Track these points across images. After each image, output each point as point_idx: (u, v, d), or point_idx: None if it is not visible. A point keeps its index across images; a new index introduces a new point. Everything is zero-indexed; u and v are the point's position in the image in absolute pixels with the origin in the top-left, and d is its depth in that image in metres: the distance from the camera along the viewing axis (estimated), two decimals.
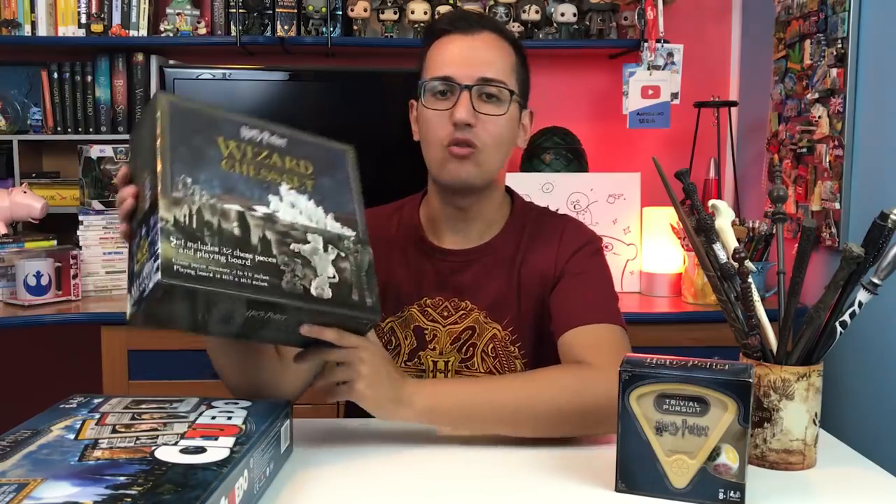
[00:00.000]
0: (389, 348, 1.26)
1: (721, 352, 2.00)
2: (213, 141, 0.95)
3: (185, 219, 0.86)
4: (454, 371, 1.24)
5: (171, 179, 0.88)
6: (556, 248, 1.25)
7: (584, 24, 2.59)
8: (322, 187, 1.02)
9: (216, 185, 0.91)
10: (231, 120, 0.98)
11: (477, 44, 1.20)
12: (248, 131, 0.99)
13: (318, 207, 0.99)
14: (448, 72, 1.18)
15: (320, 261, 0.95)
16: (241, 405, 0.98)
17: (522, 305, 1.24)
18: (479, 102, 1.18)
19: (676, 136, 2.67)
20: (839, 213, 2.04)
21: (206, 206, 0.89)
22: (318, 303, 0.93)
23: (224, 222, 0.89)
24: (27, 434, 0.86)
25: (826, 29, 2.10)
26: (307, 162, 1.03)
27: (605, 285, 1.24)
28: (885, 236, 0.96)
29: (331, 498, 0.91)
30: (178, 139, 0.92)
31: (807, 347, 0.99)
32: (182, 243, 0.85)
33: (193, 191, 0.89)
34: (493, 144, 1.19)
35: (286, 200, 0.97)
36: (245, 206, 0.92)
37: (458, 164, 1.18)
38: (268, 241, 0.92)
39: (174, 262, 0.83)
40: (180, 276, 0.83)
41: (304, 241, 0.95)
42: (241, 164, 0.95)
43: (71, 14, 2.54)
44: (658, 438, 0.89)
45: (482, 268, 1.25)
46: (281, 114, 2.42)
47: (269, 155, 0.99)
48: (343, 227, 1.01)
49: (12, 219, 2.38)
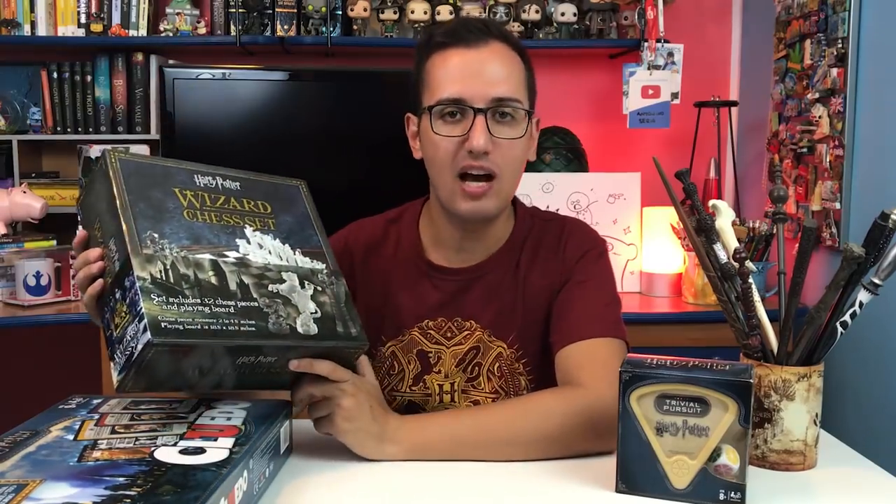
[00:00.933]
0: (392, 373, 1.22)
1: (721, 352, 1.99)
2: (171, 192, 0.95)
3: (161, 274, 0.86)
4: (461, 391, 1.20)
5: (138, 237, 0.87)
6: (560, 255, 1.20)
7: (584, 23, 2.59)
8: (284, 225, 1.02)
9: (183, 236, 0.91)
10: (182, 169, 0.99)
11: (485, 57, 1.11)
12: (201, 178, 0.99)
13: (285, 245, 1.00)
14: (457, 92, 1.10)
15: (300, 298, 0.95)
16: (241, 406, 0.97)
17: (527, 320, 1.19)
18: (494, 125, 1.10)
19: (677, 136, 2.67)
20: (839, 213, 2.04)
21: (178, 259, 0.88)
22: (307, 339, 0.93)
23: (200, 273, 0.89)
24: (26, 435, 0.86)
25: (826, 29, 2.10)
26: (264, 202, 1.03)
27: (608, 293, 1.19)
28: (886, 236, 0.96)
29: (330, 498, 0.91)
30: (137, 195, 0.91)
31: (807, 348, 0.99)
32: (164, 300, 0.84)
33: (162, 245, 0.88)
34: (511, 169, 1.13)
35: (254, 242, 0.97)
36: (216, 253, 0.92)
37: (474, 202, 1.11)
38: (246, 286, 0.91)
39: (160, 319, 0.82)
40: (170, 333, 0.82)
41: (281, 281, 0.95)
42: (202, 211, 0.95)
43: (70, 14, 2.54)
44: (658, 439, 0.88)
45: (485, 285, 1.21)
46: (281, 114, 2.42)
47: (226, 200, 0.99)
48: (313, 262, 1.01)
49: (12, 219, 2.38)
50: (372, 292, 1.23)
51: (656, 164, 1.07)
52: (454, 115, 1.11)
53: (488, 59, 1.12)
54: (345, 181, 2.45)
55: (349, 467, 0.99)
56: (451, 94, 1.10)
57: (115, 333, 0.87)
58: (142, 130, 2.61)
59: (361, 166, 2.50)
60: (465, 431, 1.02)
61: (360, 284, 1.23)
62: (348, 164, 2.50)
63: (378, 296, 1.23)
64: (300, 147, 2.45)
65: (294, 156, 2.43)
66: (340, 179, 2.45)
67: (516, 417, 1.03)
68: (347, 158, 2.50)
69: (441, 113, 1.11)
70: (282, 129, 2.42)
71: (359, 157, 2.50)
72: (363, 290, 1.23)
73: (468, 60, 1.11)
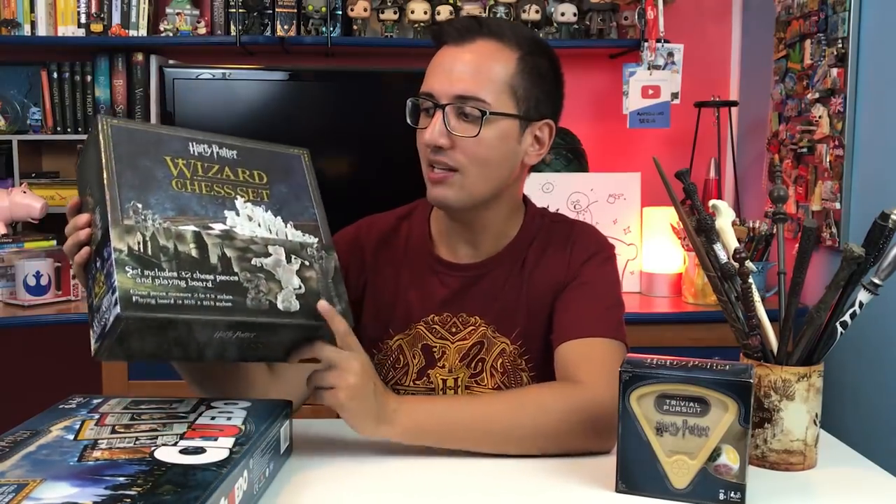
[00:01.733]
0: (398, 367, 1.22)
1: (721, 352, 2.00)
2: (162, 160, 0.93)
3: (139, 246, 0.84)
4: (464, 387, 1.21)
5: (120, 207, 0.86)
6: (567, 256, 1.21)
7: (584, 23, 2.59)
8: (279, 196, 1.00)
9: (168, 206, 0.89)
10: (177, 136, 0.96)
11: (464, 56, 1.12)
12: (196, 146, 0.97)
13: (276, 217, 0.98)
14: (428, 87, 1.13)
15: (284, 273, 0.94)
16: (241, 405, 0.97)
17: (531, 318, 1.20)
18: (454, 121, 1.11)
19: (677, 136, 2.67)
20: (839, 213, 2.04)
21: (160, 231, 0.87)
22: (287, 316, 0.91)
23: (180, 245, 0.87)
24: (26, 434, 0.86)
25: (826, 29, 2.10)
26: (260, 172, 1.01)
27: (612, 296, 1.20)
28: (886, 236, 0.96)
29: (330, 498, 0.91)
30: (125, 163, 0.90)
31: (807, 348, 0.99)
32: (139, 272, 0.83)
33: (145, 216, 0.87)
34: (475, 166, 1.12)
35: (243, 214, 0.95)
36: (201, 225, 0.90)
37: (436, 188, 1.14)
38: (228, 259, 0.90)
39: (133, 293, 0.81)
40: (140, 307, 0.81)
41: (266, 255, 0.93)
42: (193, 181, 0.93)
43: (70, 14, 2.54)
44: (658, 439, 0.88)
45: (490, 282, 1.22)
46: (281, 114, 2.42)
47: (220, 169, 0.97)
48: (305, 235, 0.99)
49: (12, 219, 2.38)
50: (383, 286, 1.24)
51: (656, 164, 1.07)
52: (429, 110, 1.14)
53: (463, 57, 1.12)
54: (345, 181, 2.45)
55: (349, 467, 0.99)
56: (424, 89, 1.14)
57: (94, 302, 0.87)
58: None
59: (361, 166, 2.50)
60: (460, 419, 1.02)
61: (371, 278, 1.25)
62: (348, 163, 2.50)
63: (388, 290, 1.24)
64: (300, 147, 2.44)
65: None
66: (340, 179, 2.45)
67: (514, 409, 1.03)
68: (347, 158, 2.50)
69: (418, 107, 1.16)
70: (282, 129, 2.42)
71: (359, 157, 2.50)
72: (374, 285, 1.24)
73: (448, 58, 1.14)
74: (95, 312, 0.86)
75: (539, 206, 1.29)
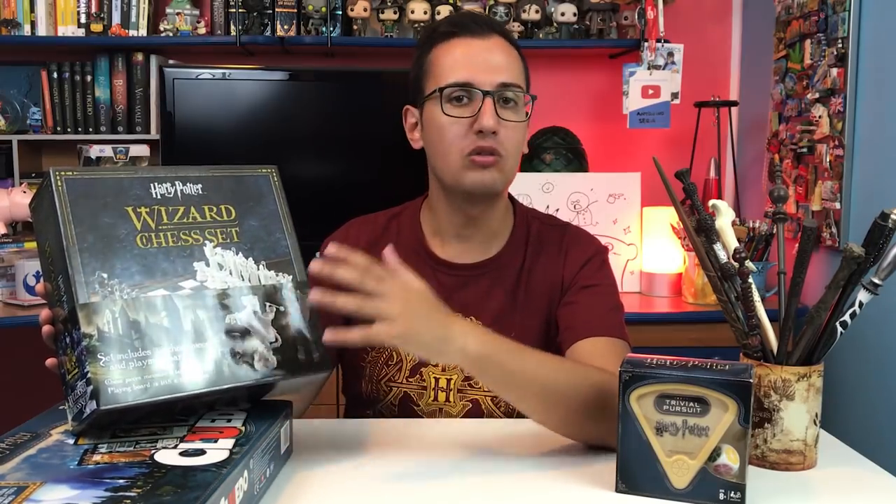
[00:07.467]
0: (391, 363, 1.22)
1: (721, 352, 2.00)
2: (123, 213, 0.88)
3: (108, 327, 0.82)
4: (457, 389, 1.21)
5: (85, 280, 0.82)
6: (562, 261, 1.23)
7: (584, 23, 2.59)
8: (249, 233, 0.96)
9: (135, 270, 0.86)
10: (137, 178, 0.92)
11: (489, 46, 1.17)
12: (158, 187, 0.92)
13: (248, 259, 0.94)
14: (466, 77, 1.15)
15: (260, 325, 0.91)
16: (241, 407, 0.97)
17: (527, 321, 1.21)
18: (499, 108, 1.15)
19: (677, 135, 2.67)
20: (839, 212, 2.04)
21: (129, 304, 0.84)
22: (265, 375, 0.89)
23: (151, 316, 0.84)
24: (27, 437, 0.86)
25: (826, 29, 2.10)
26: (228, 206, 0.96)
27: (613, 299, 1.23)
28: (886, 236, 0.96)
29: (331, 498, 0.91)
30: (86, 225, 0.85)
31: (807, 348, 0.99)
32: (111, 358, 0.81)
33: (112, 288, 0.83)
34: (514, 151, 1.18)
35: (213, 263, 0.91)
36: (171, 286, 0.87)
37: (482, 172, 1.15)
38: (201, 322, 0.87)
39: (107, 384, 0.79)
40: (117, 398, 0.79)
41: (240, 308, 0.90)
42: (158, 233, 0.90)
43: (70, 14, 2.54)
44: (658, 439, 0.88)
45: (488, 283, 1.23)
46: (281, 114, 2.43)
47: (185, 212, 0.93)
48: (279, 275, 0.95)
49: (12, 219, 2.38)
50: None
51: (656, 164, 1.07)
52: (461, 99, 1.16)
53: (492, 49, 1.18)
54: (345, 181, 2.45)
55: (349, 467, 0.99)
56: (460, 79, 1.15)
57: (68, 379, 0.85)
58: (142, 130, 2.61)
59: (361, 166, 2.50)
60: (524, 363, 0.98)
61: None
62: (348, 163, 2.50)
63: None
64: (300, 147, 2.45)
65: (294, 156, 2.43)
66: (340, 179, 2.45)
67: (566, 371, 1.01)
68: (347, 158, 2.50)
69: (449, 97, 1.16)
70: (282, 129, 2.42)
71: (359, 156, 2.50)
72: None
73: (474, 49, 1.17)
74: (70, 389, 0.84)
75: (523, 205, 1.31)
